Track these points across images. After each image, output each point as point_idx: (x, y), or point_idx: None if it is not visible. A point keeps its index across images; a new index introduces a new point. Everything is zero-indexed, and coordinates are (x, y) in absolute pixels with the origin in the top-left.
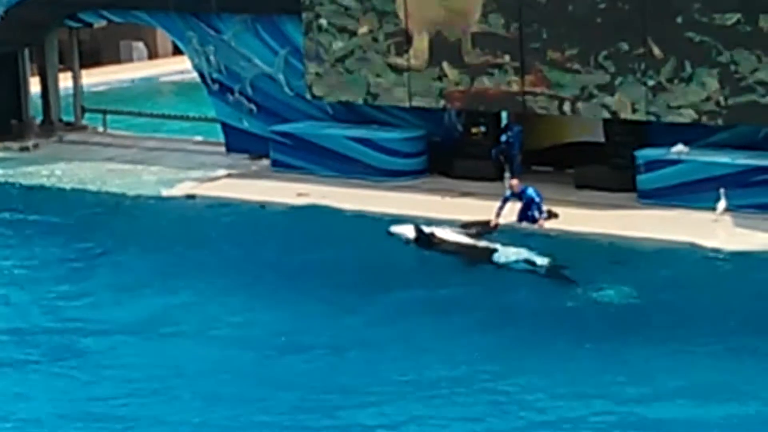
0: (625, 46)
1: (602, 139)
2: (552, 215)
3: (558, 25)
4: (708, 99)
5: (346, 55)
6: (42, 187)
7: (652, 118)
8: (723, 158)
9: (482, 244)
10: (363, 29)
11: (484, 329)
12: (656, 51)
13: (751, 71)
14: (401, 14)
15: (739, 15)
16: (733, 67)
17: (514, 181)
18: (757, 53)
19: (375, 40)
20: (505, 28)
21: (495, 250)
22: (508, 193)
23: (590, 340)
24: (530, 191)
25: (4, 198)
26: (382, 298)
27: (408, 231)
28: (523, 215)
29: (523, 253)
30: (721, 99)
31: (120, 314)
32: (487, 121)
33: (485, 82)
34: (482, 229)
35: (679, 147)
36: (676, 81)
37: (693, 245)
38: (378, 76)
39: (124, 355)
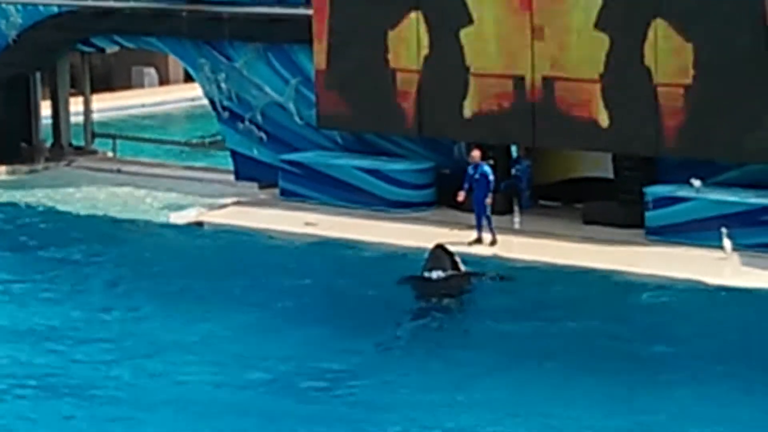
0: (631, 80)
1: (611, 175)
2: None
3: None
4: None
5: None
6: (48, 210)
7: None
8: (732, 197)
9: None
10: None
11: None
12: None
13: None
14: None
15: None
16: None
17: (476, 153)
18: None
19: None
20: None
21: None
22: (470, 169)
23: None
24: (486, 168)
25: (9, 219)
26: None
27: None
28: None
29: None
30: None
31: (118, 336)
32: (496, 154)
33: (496, 116)
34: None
35: (698, 182)
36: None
37: (698, 282)
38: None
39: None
